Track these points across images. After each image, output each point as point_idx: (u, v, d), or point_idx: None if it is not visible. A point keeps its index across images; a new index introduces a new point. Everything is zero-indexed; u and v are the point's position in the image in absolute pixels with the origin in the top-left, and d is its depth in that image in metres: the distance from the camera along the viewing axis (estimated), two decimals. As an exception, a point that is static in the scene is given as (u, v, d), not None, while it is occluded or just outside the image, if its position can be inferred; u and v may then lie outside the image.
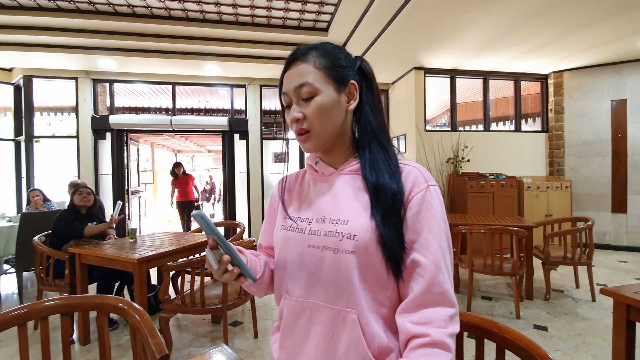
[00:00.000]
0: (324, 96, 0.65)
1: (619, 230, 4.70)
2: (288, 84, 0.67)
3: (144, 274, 2.03)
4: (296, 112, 0.66)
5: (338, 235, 0.63)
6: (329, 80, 0.65)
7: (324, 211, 0.68)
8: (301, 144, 0.69)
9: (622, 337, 1.27)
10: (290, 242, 0.70)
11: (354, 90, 0.68)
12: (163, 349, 1.10)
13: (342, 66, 0.67)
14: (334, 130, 0.68)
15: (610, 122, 4.72)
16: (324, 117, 0.65)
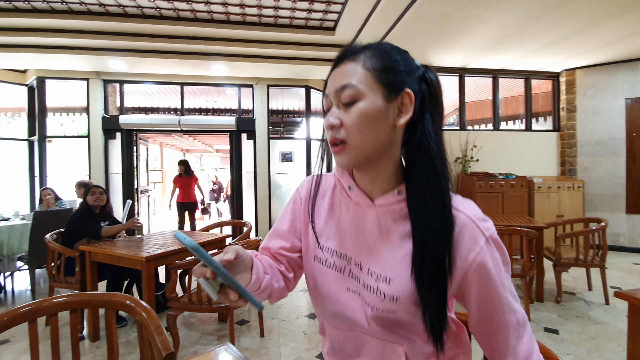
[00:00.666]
0: (368, 102, 0.54)
1: (634, 232, 4.58)
2: (330, 85, 0.57)
3: (151, 272, 2.05)
4: (332, 118, 0.56)
5: (379, 294, 0.56)
6: (377, 85, 0.54)
7: (362, 256, 0.60)
8: (335, 157, 0.58)
9: (638, 342, 1.23)
10: (327, 279, 0.63)
11: (408, 101, 0.55)
12: (169, 346, 1.11)
13: (398, 70, 0.55)
14: (376, 146, 0.55)
15: (624, 121, 4.61)
16: (365, 127, 0.54)
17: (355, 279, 0.60)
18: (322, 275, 0.64)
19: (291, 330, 2.47)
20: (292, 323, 2.60)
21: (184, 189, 5.40)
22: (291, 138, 5.99)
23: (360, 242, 0.61)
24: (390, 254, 0.57)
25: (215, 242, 2.55)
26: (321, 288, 0.64)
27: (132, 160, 5.24)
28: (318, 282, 0.65)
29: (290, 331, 2.46)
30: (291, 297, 3.14)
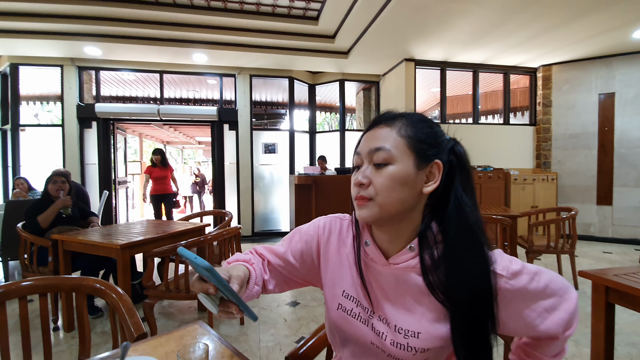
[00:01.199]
0: (399, 167, 0.57)
1: (604, 222, 4.80)
2: (364, 144, 0.60)
3: (127, 260, 2.01)
4: (362, 177, 0.58)
5: (411, 350, 0.57)
6: (409, 152, 0.57)
7: (388, 313, 0.61)
8: (357, 209, 0.60)
9: (601, 319, 1.29)
10: (352, 329, 0.65)
11: (436, 170, 0.59)
12: (141, 328, 1.09)
13: (429, 142, 0.59)
14: (400, 208, 0.57)
15: (597, 116, 4.79)
16: (393, 189, 0.56)
17: (381, 336, 0.61)
18: (346, 324, 0.65)
19: (271, 318, 2.48)
20: (272, 311, 2.60)
21: (160, 180, 4.94)
22: (275, 129, 5.95)
23: (386, 304, 0.62)
24: (415, 310, 0.59)
25: (194, 230, 2.52)
26: (347, 337, 0.66)
27: (109, 150, 5.08)
28: (344, 330, 0.66)
29: (270, 319, 2.47)
30: (273, 287, 3.13)
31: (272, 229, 5.56)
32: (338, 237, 0.70)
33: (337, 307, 0.66)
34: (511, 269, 0.57)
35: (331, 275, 0.69)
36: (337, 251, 0.69)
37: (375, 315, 0.62)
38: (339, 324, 0.66)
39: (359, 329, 0.63)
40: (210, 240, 2.00)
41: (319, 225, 0.73)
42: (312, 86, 5.88)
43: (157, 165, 4.93)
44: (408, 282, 0.59)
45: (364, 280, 0.64)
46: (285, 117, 6.56)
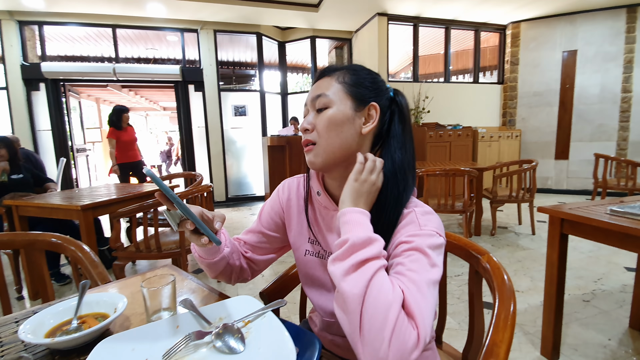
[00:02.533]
0: (336, 109, 0.61)
1: (560, 175, 5.14)
2: (309, 95, 0.66)
3: (90, 222, 1.91)
4: (306, 123, 0.64)
5: None
6: (347, 96, 0.62)
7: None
8: (306, 156, 0.65)
9: (555, 249, 1.39)
10: (317, 271, 0.71)
11: (374, 112, 0.63)
12: (106, 277, 1.05)
13: (365, 86, 0.63)
14: (341, 149, 0.62)
15: (560, 73, 4.95)
16: (332, 131, 0.61)
17: None
18: (313, 267, 0.72)
19: (248, 275, 2.50)
20: (249, 268, 2.62)
21: (129, 145, 4.09)
22: (244, 90, 5.69)
23: (331, 239, 0.68)
24: None
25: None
26: (314, 279, 0.73)
27: (62, 115, 4.68)
28: (312, 275, 0.73)
29: (247, 275, 2.49)
30: (248, 247, 3.15)
31: (247, 194, 5.50)
32: (296, 193, 0.77)
33: (305, 253, 0.74)
34: (424, 209, 0.61)
35: (295, 228, 0.76)
36: (297, 205, 0.76)
37: (328, 253, 0.70)
38: (308, 267, 0.73)
39: (318, 265, 0.71)
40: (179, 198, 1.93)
41: (279, 188, 0.80)
42: (281, 44, 5.60)
43: (123, 126, 4.06)
44: None
45: (309, 224, 0.72)
46: (255, 79, 6.27)
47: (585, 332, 1.69)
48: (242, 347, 0.52)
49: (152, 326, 0.55)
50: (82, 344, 0.56)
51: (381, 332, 0.43)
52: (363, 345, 0.44)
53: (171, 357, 0.50)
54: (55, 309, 0.63)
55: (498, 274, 0.76)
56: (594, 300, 2.01)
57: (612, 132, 4.75)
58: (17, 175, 2.51)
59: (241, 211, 4.70)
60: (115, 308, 0.62)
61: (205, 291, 0.80)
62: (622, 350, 1.55)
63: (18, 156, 2.56)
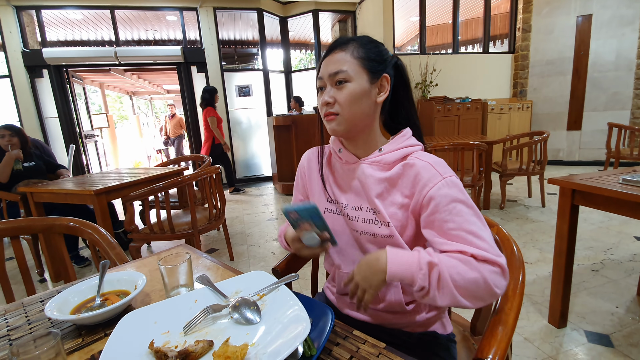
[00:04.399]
0: (355, 84, 0.67)
1: (572, 147, 5.03)
2: (325, 69, 0.70)
3: (104, 206, 1.95)
4: (328, 97, 0.69)
5: (377, 222, 0.69)
6: (363, 70, 0.68)
7: (359, 199, 0.73)
8: (327, 125, 0.72)
9: (566, 220, 1.39)
10: (336, 225, 0.76)
11: (385, 83, 0.71)
12: (124, 258, 1.09)
13: (377, 60, 0.69)
14: (362, 118, 0.70)
15: (574, 40, 4.74)
16: (354, 103, 0.68)
17: (354, 219, 0.73)
18: (332, 223, 0.76)
19: (260, 253, 2.56)
20: (260, 247, 2.68)
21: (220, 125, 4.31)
22: (247, 70, 5.60)
23: (357, 192, 0.74)
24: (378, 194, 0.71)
25: (172, 174, 2.45)
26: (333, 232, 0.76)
27: (69, 101, 4.69)
28: (332, 225, 0.75)
29: (259, 253, 2.55)
30: (259, 226, 3.20)
31: (255, 174, 5.53)
32: (316, 159, 0.84)
33: (324, 211, 0.79)
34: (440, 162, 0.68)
35: (316, 190, 0.82)
36: (317, 169, 0.83)
37: (349, 206, 0.75)
38: (330, 223, 0.76)
39: (337, 220, 0.77)
40: (188, 180, 1.96)
41: (302, 159, 0.89)
42: (283, 19, 5.44)
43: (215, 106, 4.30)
44: (373, 175, 0.71)
45: (324, 184, 0.80)
46: (257, 57, 6.16)
47: (593, 300, 1.71)
48: (259, 318, 0.54)
49: (172, 301, 0.57)
50: (106, 319, 0.59)
51: (489, 296, 0.56)
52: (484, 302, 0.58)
53: (192, 329, 0.52)
54: (79, 288, 0.66)
55: (508, 245, 0.77)
56: (603, 270, 2.02)
57: (627, 101, 4.59)
58: (30, 163, 2.56)
59: (248, 193, 4.74)
60: (135, 285, 0.65)
61: (220, 268, 0.82)
62: (629, 317, 1.57)
63: (29, 144, 2.60)
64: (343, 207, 0.75)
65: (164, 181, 1.96)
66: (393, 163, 0.70)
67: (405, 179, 0.67)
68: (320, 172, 0.82)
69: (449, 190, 0.62)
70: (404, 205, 0.68)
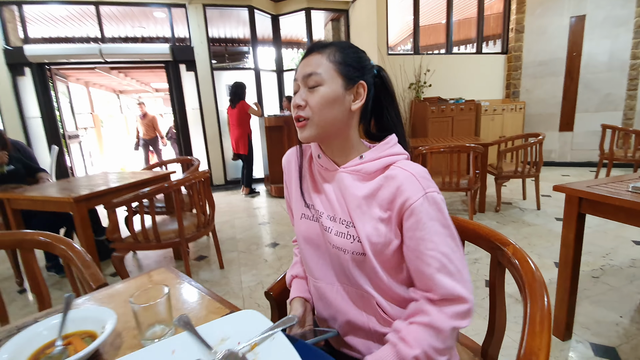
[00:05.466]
0: (328, 88, 0.64)
1: (564, 148, 5.04)
2: (300, 71, 0.67)
3: (84, 214, 1.83)
4: (299, 99, 0.66)
5: (349, 237, 0.65)
6: (338, 75, 0.65)
7: (334, 209, 0.69)
8: (298, 131, 0.68)
9: (572, 229, 1.33)
10: (311, 233, 0.72)
11: (362, 90, 0.67)
12: (99, 279, 0.98)
13: (354, 66, 0.66)
14: (333, 124, 0.66)
15: (567, 40, 4.74)
16: (324, 108, 0.64)
17: (328, 230, 0.68)
18: (307, 229, 0.73)
19: (252, 260, 2.46)
20: (252, 253, 2.58)
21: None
22: (238, 69, 5.47)
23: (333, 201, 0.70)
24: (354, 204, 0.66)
25: (158, 179, 2.33)
26: (308, 242, 0.74)
27: (51, 100, 4.51)
28: (305, 238, 0.74)
29: (250, 260, 2.45)
30: (251, 230, 3.10)
31: (246, 176, 5.41)
32: (295, 161, 0.80)
33: (301, 216, 0.75)
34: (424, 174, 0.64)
35: (294, 194, 0.78)
36: (296, 172, 0.80)
37: (324, 215, 0.70)
38: (302, 229, 0.75)
39: (312, 227, 0.72)
40: (175, 186, 1.85)
41: (283, 160, 0.84)
42: (275, 17, 5.33)
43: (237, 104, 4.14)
44: (352, 185, 0.67)
45: (302, 191, 0.75)
46: (248, 56, 6.03)
47: (596, 310, 1.67)
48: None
49: (145, 352, 0.48)
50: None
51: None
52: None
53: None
54: (37, 329, 0.56)
55: (527, 269, 0.69)
56: (604, 276, 1.98)
57: (619, 102, 4.61)
58: (8, 166, 2.42)
59: (240, 194, 4.63)
60: (103, 326, 0.55)
61: (205, 297, 0.73)
62: (634, 328, 1.52)
63: (8, 147, 2.46)
64: (319, 215, 0.71)
65: (150, 186, 1.85)
66: (374, 173, 0.66)
67: (386, 190, 0.63)
68: (298, 174, 0.78)
69: (429, 208, 0.60)
70: (385, 218, 0.63)
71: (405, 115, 4.76)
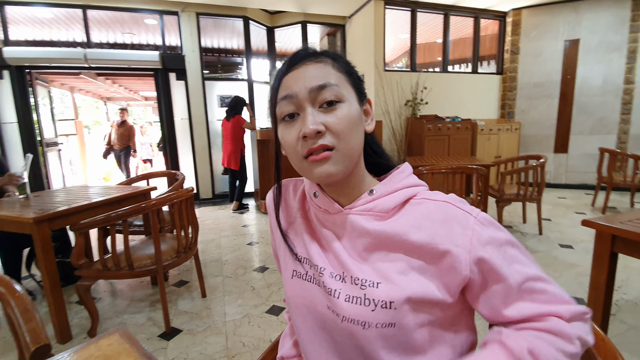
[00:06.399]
0: (350, 104, 0.48)
1: (559, 170, 5.00)
2: (300, 83, 0.47)
3: (46, 237, 1.60)
4: (315, 124, 0.46)
5: (369, 303, 0.46)
6: (351, 88, 0.50)
7: (342, 265, 0.51)
8: (315, 169, 0.48)
9: (604, 270, 1.18)
10: (307, 298, 0.54)
11: (369, 108, 0.54)
12: (40, 338, 0.77)
13: (359, 77, 0.53)
14: (358, 152, 0.50)
15: (561, 63, 4.76)
16: (353, 131, 0.48)
17: (334, 295, 0.50)
18: (302, 291, 0.55)
19: (237, 287, 2.24)
20: (238, 279, 2.36)
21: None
22: (231, 79, 5.32)
23: (341, 255, 0.52)
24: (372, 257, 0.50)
25: (137, 195, 2.11)
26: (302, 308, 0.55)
27: (29, 105, 4.25)
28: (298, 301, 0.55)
29: (236, 287, 2.23)
30: (239, 251, 2.88)
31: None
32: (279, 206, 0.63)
33: (292, 275, 0.57)
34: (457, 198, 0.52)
35: (282, 244, 0.60)
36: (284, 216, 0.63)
37: (327, 273, 0.52)
38: (294, 294, 0.56)
39: (309, 290, 0.54)
40: (153, 206, 1.64)
41: (267, 199, 0.66)
42: (270, 29, 5.23)
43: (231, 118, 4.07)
44: (365, 227, 0.50)
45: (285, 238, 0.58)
46: (242, 67, 5.90)
47: (619, 355, 1.50)
48: None
49: None
50: None
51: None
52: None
53: None
54: None
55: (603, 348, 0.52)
56: (619, 313, 1.83)
57: (613, 126, 4.61)
58: None
59: (229, 209, 4.40)
60: None
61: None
62: (665, 379, 1.36)
63: None
64: (318, 273, 0.53)
65: (126, 204, 1.64)
66: (392, 210, 0.50)
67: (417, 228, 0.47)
68: (276, 220, 0.61)
69: (491, 232, 0.45)
70: (418, 267, 0.46)
71: (401, 132, 4.66)
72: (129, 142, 5.99)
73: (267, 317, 1.87)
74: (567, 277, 2.25)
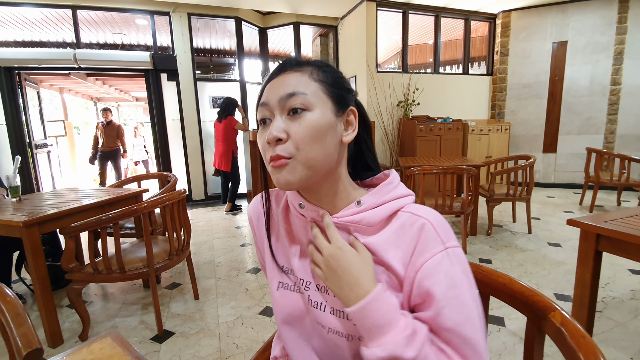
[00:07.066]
0: (319, 114, 0.48)
1: (547, 169, 5.09)
2: (273, 92, 0.49)
3: (36, 241, 1.58)
4: (277, 131, 0.47)
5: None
6: (326, 98, 0.50)
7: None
8: (275, 176, 0.49)
9: (589, 268, 1.21)
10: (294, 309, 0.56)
11: (353, 118, 0.54)
12: (32, 342, 0.77)
13: (344, 87, 0.52)
14: (324, 162, 0.49)
15: (550, 64, 4.85)
16: (315, 140, 0.48)
17: (319, 307, 0.52)
18: (288, 302, 0.56)
19: (230, 289, 2.24)
20: (231, 281, 2.36)
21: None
22: (223, 80, 5.30)
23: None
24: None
25: (128, 198, 2.10)
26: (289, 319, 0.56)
27: (18, 106, 4.19)
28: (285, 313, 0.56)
29: (229, 289, 2.23)
30: (232, 253, 2.87)
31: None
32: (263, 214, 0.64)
33: (278, 286, 0.58)
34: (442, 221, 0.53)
35: (268, 255, 0.61)
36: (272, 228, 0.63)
37: (312, 286, 0.54)
38: (280, 305, 0.57)
39: (294, 301, 0.55)
40: (145, 209, 1.63)
41: (249, 210, 0.66)
42: (263, 30, 5.23)
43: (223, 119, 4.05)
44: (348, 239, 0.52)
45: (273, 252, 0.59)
46: (234, 68, 5.88)
47: (605, 350, 1.54)
48: None
49: None
50: None
51: None
52: None
53: None
54: None
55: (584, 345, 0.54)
56: (606, 310, 1.88)
57: (600, 125, 4.71)
58: None
59: (221, 211, 4.39)
60: None
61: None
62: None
63: None
64: (304, 287, 0.55)
65: (117, 207, 1.63)
66: (378, 224, 0.51)
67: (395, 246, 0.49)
68: (267, 235, 0.61)
69: (451, 268, 0.46)
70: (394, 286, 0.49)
71: (393, 133, 4.70)
72: (118, 142, 5.58)
73: (260, 318, 1.87)
74: (555, 275, 2.29)
